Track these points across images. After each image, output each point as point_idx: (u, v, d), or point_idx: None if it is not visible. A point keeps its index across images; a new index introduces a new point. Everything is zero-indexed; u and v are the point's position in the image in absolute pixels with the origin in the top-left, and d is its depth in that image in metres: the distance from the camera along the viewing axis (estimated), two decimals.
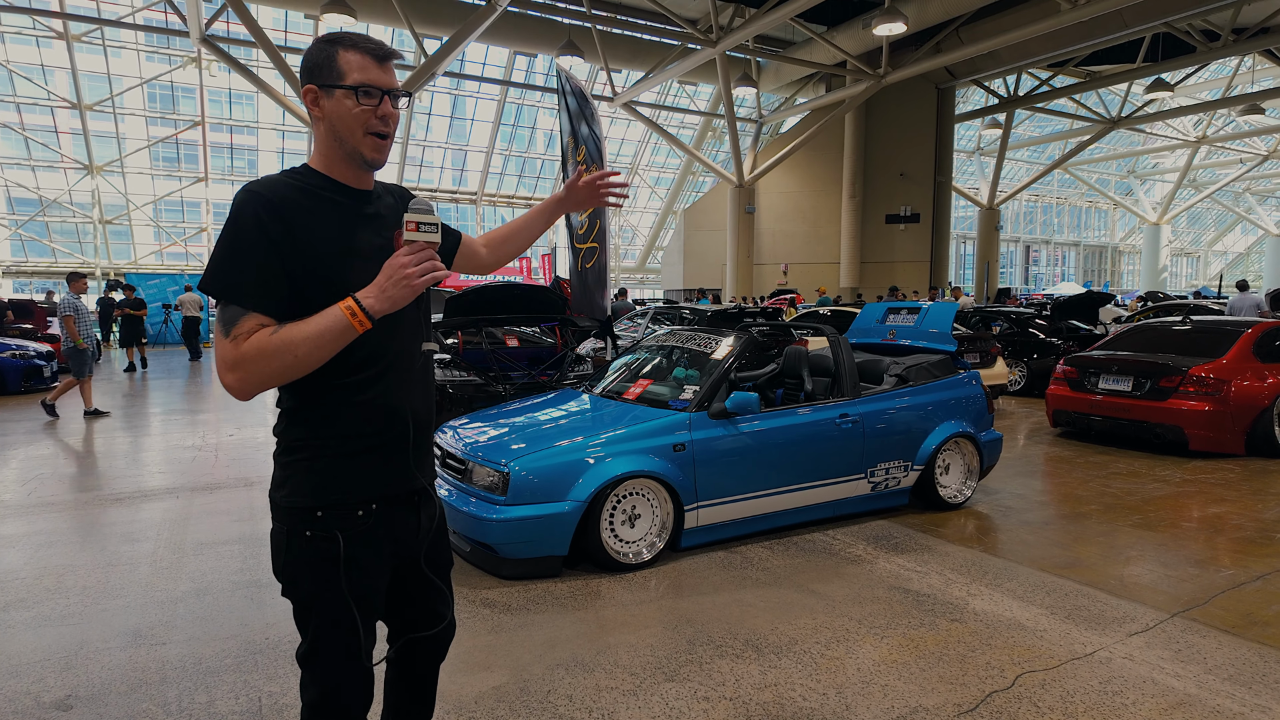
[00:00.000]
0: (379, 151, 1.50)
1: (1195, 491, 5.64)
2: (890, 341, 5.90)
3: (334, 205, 1.50)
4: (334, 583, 1.49)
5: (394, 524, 1.58)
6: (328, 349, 1.38)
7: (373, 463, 1.52)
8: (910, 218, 22.56)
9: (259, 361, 1.35)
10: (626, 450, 3.98)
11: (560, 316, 7.54)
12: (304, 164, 1.54)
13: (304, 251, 1.42)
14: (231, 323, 1.37)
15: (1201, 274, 52.26)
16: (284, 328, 1.37)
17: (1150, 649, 3.10)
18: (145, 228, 26.10)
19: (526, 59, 24.88)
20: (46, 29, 20.94)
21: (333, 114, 1.46)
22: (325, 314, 1.37)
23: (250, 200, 1.40)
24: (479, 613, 3.44)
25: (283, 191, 1.44)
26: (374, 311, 1.38)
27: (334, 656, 1.52)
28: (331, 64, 1.45)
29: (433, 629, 1.73)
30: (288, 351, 1.35)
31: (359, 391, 1.49)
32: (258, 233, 1.39)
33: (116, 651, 3.06)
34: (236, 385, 1.37)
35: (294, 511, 1.49)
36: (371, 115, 1.46)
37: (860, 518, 4.93)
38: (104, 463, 6.47)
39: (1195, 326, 7.49)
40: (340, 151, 1.49)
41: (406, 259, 1.39)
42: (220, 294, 1.39)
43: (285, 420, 1.52)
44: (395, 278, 1.38)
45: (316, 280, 1.43)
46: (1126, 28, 16.81)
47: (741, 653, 3.06)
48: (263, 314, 1.38)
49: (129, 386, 11.81)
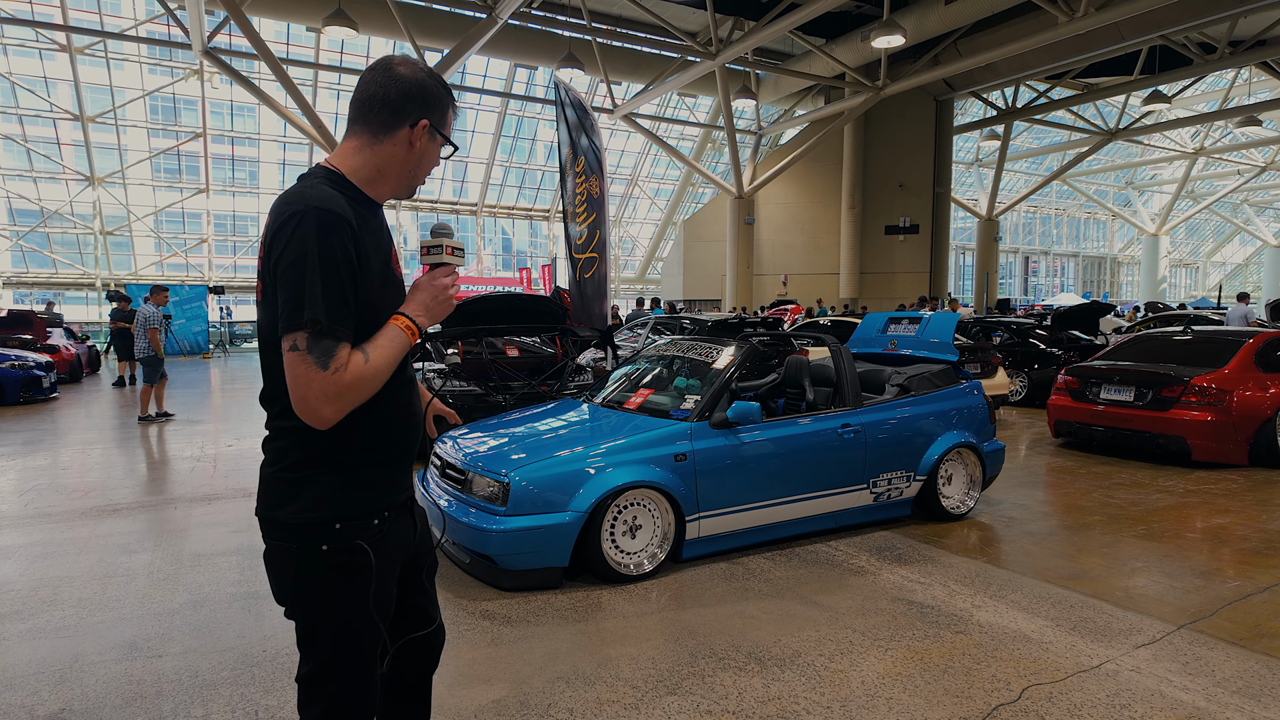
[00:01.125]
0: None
1: (1199, 502, 5.61)
2: (892, 351, 5.89)
3: (368, 222, 1.49)
4: (359, 595, 1.46)
5: (401, 529, 1.59)
6: (395, 367, 1.45)
7: (388, 472, 1.54)
8: (909, 229, 22.61)
9: (360, 388, 1.37)
10: (627, 460, 3.95)
11: (560, 326, 7.53)
12: (334, 172, 1.48)
13: (365, 271, 1.43)
14: (329, 354, 1.33)
15: (1201, 285, 52.35)
16: (369, 352, 1.40)
17: (1158, 661, 3.07)
18: (146, 239, 26.14)
19: (527, 71, 25.01)
20: (50, 42, 21.05)
21: (425, 154, 1.54)
22: (389, 333, 1.43)
23: (324, 220, 1.36)
24: (479, 625, 3.41)
25: (345, 208, 1.41)
26: (424, 327, 1.49)
27: (354, 672, 1.49)
28: (444, 111, 1.54)
29: (424, 630, 1.71)
30: (380, 376, 1.41)
31: (381, 404, 1.50)
32: (345, 260, 1.38)
33: (112, 664, 3.02)
34: (336, 416, 1.36)
35: (308, 528, 1.44)
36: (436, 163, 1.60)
37: (863, 528, 4.90)
38: (102, 474, 6.44)
39: (1196, 336, 7.48)
40: (405, 182, 1.55)
41: (448, 280, 1.52)
42: (313, 325, 1.33)
43: (292, 436, 1.46)
44: (440, 298, 1.50)
45: (368, 299, 1.45)
46: (1123, 40, 16.93)
47: (744, 665, 3.03)
48: (350, 341, 1.38)
49: (121, 398, 11.78)
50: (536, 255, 33.27)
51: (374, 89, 1.48)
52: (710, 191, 30.68)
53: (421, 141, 1.51)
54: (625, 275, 35.38)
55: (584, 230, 9.20)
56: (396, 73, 1.48)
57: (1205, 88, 28.11)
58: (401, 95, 1.48)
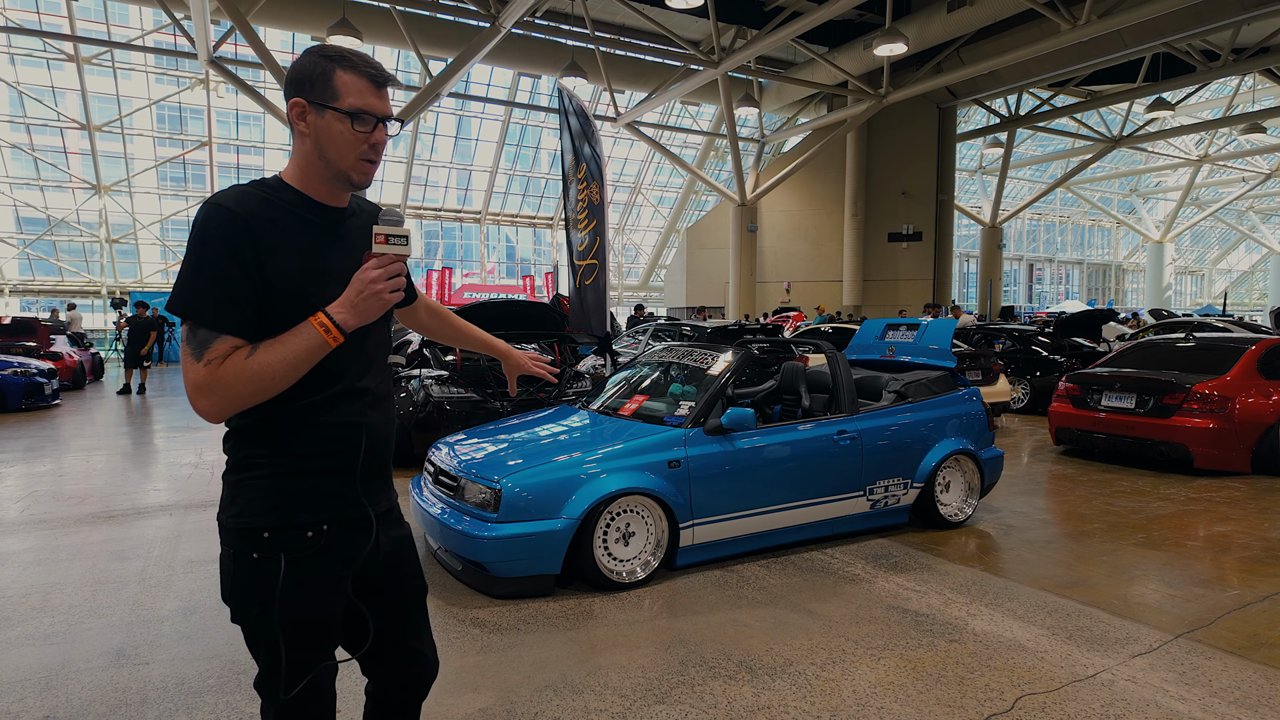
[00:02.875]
0: (366, 175, 1.46)
1: (1200, 510, 5.55)
2: (889, 358, 5.86)
3: (304, 223, 1.44)
4: (289, 607, 1.43)
5: (347, 547, 1.50)
6: (303, 367, 1.36)
7: (327, 484, 1.46)
8: (913, 236, 22.58)
9: (236, 385, 1.31)
10: (620, 467, 3.93)
11: (559, 333, 7.53)
12: (275, 176, 1.47)
13: (273, 270, 1.37)
14: (204, 346, 1.31)
15: (1206, 292, 52.12)
16: (258, 349, 1.33)
17: (1154, 671, 3.02)
18: (151, 246, 26.28)
19: (530, 80, 25.13)
20: (58, 52, 21.23)
21: (322, 133, 1.41)
22: (298, 331, 1.34)
23: (215, 215, 1.34)
24: (468, 632, 3.38)
25: (250, 205, 1.38)
26: (345, 326, 1.36)
27: (294, 681, 1.47)
28: (327, 81, 1.40)
29: (413, 661, 1.66)
30: (264, 375, 1.32)
31: (318, 411, 1.44)
32: (226, 252, 1.33)
33: (99, 671, 3.01)
34: (211, 410, 1.33)
35: (241, 533, 1.43)
36: (364, 142, 1.42)
37: (859, 536, 4.86)
38: (100, 480, 6.44)
39: (1198, 343, 7.43)
40: (325, 171, 1.44)
41: (377, 272, 1.37)
42: (191, 316, 1.32)
43: (236, 438, 1.46)
44: (365, 292, 1.36)
45: (288, 298, 1.39)
46: (1126, 48, 16.91)
47: (735, 674, 3.00)
48: (235, 336, 1.33)
49: (124, 405, 11.81)
50: (540, 263, 33.34)
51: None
52: (713, 199, 30.74)
53: (309, 123, 1.41)
54: (628, 283, 35.43)
55: (585, 237, 9.22)
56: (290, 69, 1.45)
57: (1209, 95, 28.06)
58: (287, 88, 1.43)
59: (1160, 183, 41.96)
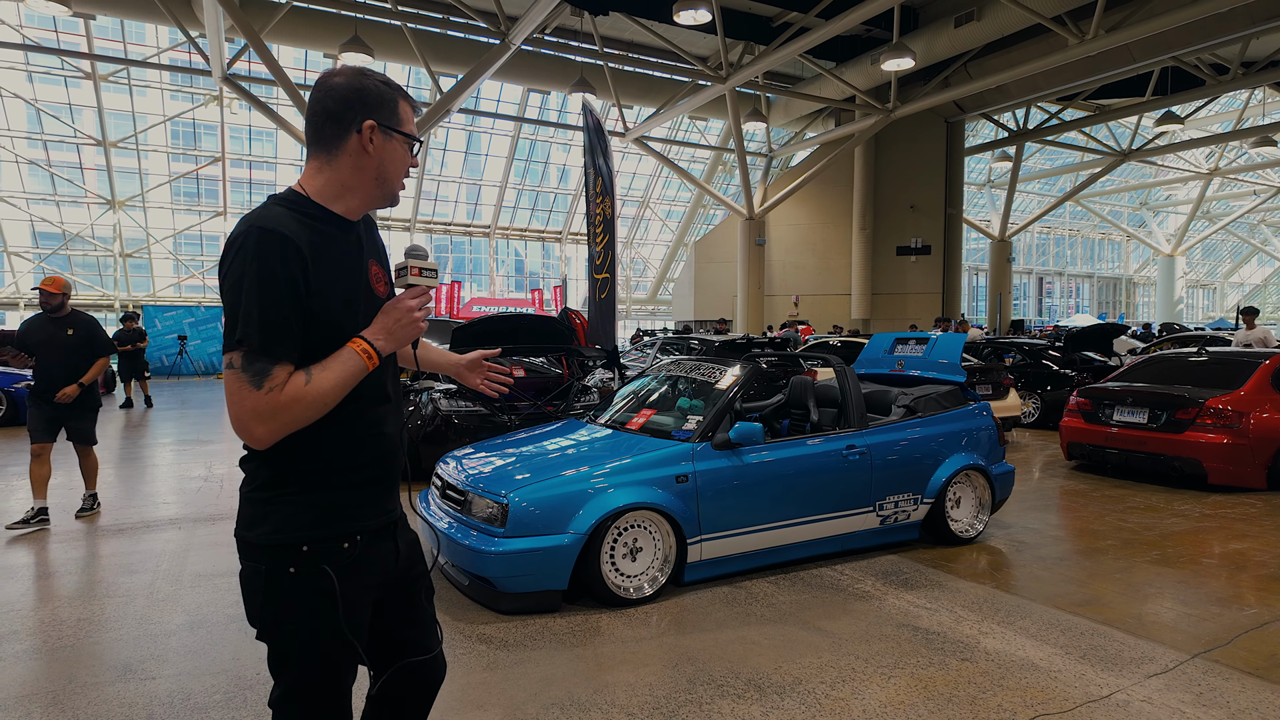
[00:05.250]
0: (400, 193, 1.58)
1: (1215, 527, 5.48)
2: (899, 372, 5.83)
3: (336, 241, 1.48)
4: (328, 619, 1.44)
5: (378, 555, 1.56)
6: (348, 390, 1.43)
7: (367, 495, 1.52)
8: (921, 250, 22.53)
9: (296, 409, 1.35)
10: (628, 481, 3.92)
11: (567, 347, 7.53)
12: (294, 191, 1.48)
13: (318, 289, 1.41)
14: (263, 374, 1.33)
15: (1219, 306, 51.75)
16: (313, 374, 1.38)
17: (1170, 691, 2.97)
18: (164, 261, 26.54)
19: (540, 95, 25.32)
20: (75, 69, 21.58)
21: (386, 155, 1.50)
22: (342, 356, 1.41)
23: (275, 244, 1.36)
24: (474, 649, 3.36)
25: (295, 229, 1.40)
26: (383, 351, 1.46)
27: (321, 697, 1.47)
28: (394, 108, 1.50)
29: (419, 657, 1.68)
30: (323, 399, 1.38)
31: (354, 425, 1.49)
32: (287, 280, 1.36)
33: (105, 686, 3.00)
34: (269, 436, 1.36)
35: (275, 549, 1.43)
36: (410, 164, 1.55)
37: (869, 552, 4.82)
38: (110, 492, 6.47)
39: (1211, 358, 7.36)
40: (377, 190, 1.52)
41: (413, 302, 1.48)
42: (256, 345, 1.33)
43: (263, 455, 1.46)
44: (403, 320, 1.47)
45: (329, 320, 1.43)
46: (1134, 62, 16.89)
47: (743, 693, 2.97)
48: (291, 363, 1.37)
49: (129, 419, 11.87)
50: (549, 276, 33.46)
51: (315, 106, 1.48)
52: (721, 213, 30.78)
53: (375, 144, 1.48)
54: (636, 296, 35.48)
55: (600, 251, 9.30)
56: (332, 84, 1.47)
57: (1219, 108, 27.98)
58: (340, 104, 1.46)
59: (1170, 196, 41.78)
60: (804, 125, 25.25)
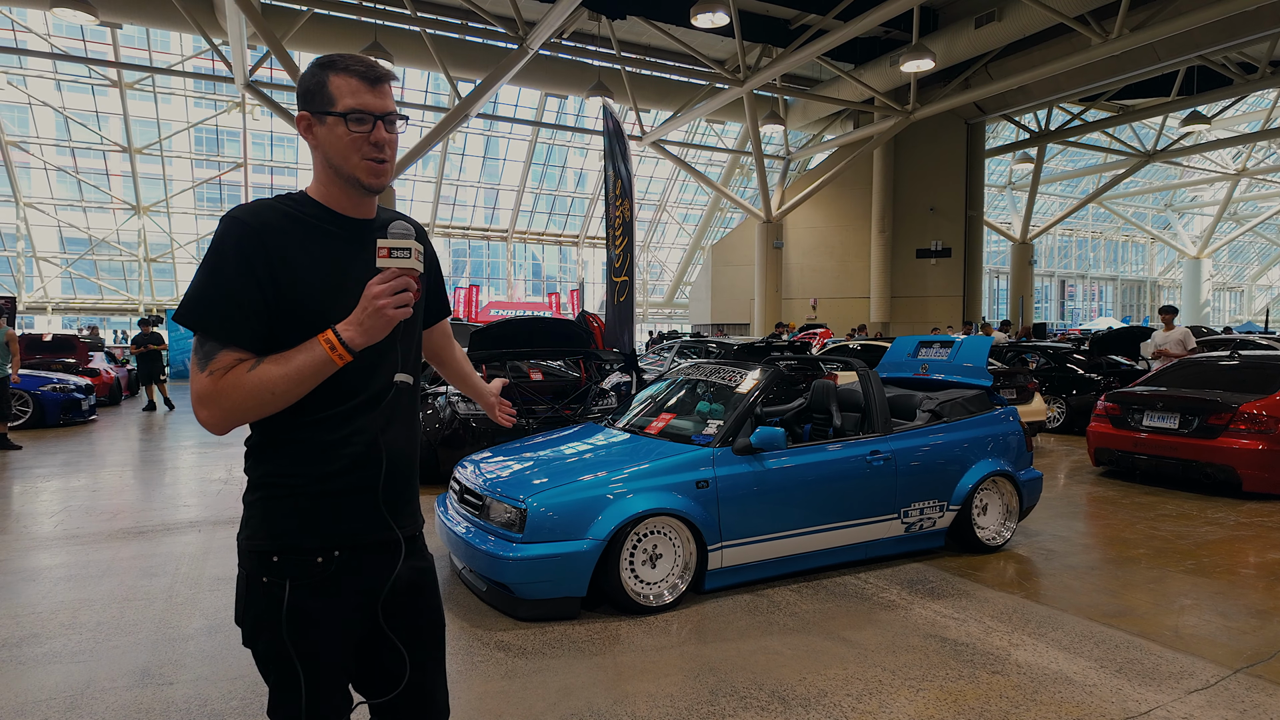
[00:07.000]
0: (376, 175, 1.42)
1: (1252, 535, 5.32)
2: (923, 376, 5.73)
3: (327, 236, 1.42)
4: (298, 636, 1.39)
5: (365, 574, 1.45)
6: (307, 384, 1.32)
7: (339, 506, 1.41)
8: (941, 252, 22.30)
9: (234, 397, 1.29)
10: (647, 487, 3.86)
11: (585, 350, 7.49)
12: (301, 191, 1.47)
13: (289, 283, 1.35)
14: (209, 357, 1.30)
15: (1246, 309, 50.79)
16: (262, 363, 1.31)
17: (1213, 709, 2.86)
18: (188, 265, 26.91)
19: (557, 100, 25.40)
20: (102, 78, 21.95)
21: (326, 141, 1.39)
22: (304, 348, 1.31)
23: (232, 228, 1.34)
24: (493, 656, 3.32)
25: (269, 218, 1.37)
26: (353, 344, 1.32)
27: (302, 711, 1.42)
28: (323, 90, 1.38)
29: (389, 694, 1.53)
30: (264, 389, 1.29)
31: (330, 429, 1.40)
32: (239, 263, 1.32)
33: (122, 691, 2.99)
34: (210, 421, 1.31)
35: (252, 555, 1.40)
36: (364, 142, 1.38)
37: (893, 560, 4.72)
38: (132, 495, 6.51)
39: (1242, 361, 7.18)
40: (338, 178, 1.42)
41: (380, 288, 1.30)
42: (196, 327, 1.32)
43: (254, 457, 1.43)
44: (369, 308, 1.31)
45: (305, 313, 1.36)
46: (1160, 61, 16.62)
47: (767, 705, 2.89)
48: (240, 349, 1.32)
49: (152, 422, 11.99)
50: (566, 280, 33.52)
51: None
52: (738, 216, 30.70)
53: (317, 135, 1.40)
54: (654, 299, 35.45)
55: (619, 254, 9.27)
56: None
57: (1246, 108, 27.49)
58: (298, 103, 1.45)
59: (1196, 197, 41.09)
60: (822, 127, 25.11)
